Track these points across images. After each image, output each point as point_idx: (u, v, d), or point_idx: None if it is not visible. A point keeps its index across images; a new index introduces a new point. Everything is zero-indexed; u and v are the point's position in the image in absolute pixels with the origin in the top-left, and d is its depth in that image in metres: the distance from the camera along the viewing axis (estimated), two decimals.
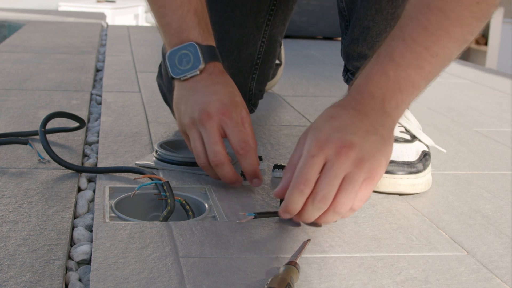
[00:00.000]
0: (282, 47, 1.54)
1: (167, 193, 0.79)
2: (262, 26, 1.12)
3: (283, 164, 0.95)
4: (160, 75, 1.18)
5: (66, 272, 0.65)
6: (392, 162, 0.90)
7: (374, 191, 0.90)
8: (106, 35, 2.53)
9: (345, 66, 1.08)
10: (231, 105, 0.84)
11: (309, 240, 0.72)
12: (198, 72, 0.87)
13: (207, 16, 0.90)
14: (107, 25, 2.90)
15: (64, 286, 0.62)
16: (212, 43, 0.90)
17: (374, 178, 0.70)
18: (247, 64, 1.13)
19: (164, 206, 0.80)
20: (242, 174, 0.87)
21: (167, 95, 1.14)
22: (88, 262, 0.68)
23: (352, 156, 0.68)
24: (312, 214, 0.71)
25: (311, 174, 0.69)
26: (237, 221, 0.77)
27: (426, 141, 0.96)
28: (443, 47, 0.71)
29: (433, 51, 0.71)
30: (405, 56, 0.71)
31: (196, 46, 0.87)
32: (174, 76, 0.88)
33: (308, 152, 0.69)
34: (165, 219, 0.77)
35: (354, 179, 0.69)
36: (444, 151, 1.03)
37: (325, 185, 0.69)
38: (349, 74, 1.06)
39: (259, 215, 0.76)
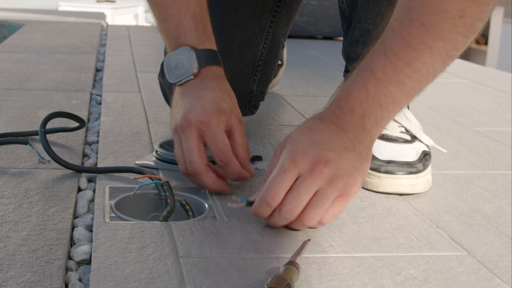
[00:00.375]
0: (285, 47, 1.54)
1: (167, 193, 0.79)
2: (265, 27, 1.11)
3: None
4: (161, 74, 1.18)
5: (66, 272, 0.65)
6: (392, 162, 0.90)
7: (374, 191, 0.90)
8: (106, 35, 2.53)
9: (346, 67, 1.08)
10: (214, 112, 0.81)
11: (309, 240, 0.72)
12: (192, 77, 0.86)
13: (206, 19, 0.89)
14: (107, 25, 2.91)
15: (64, 286, 0.62)
16: (211, 46, 0.88)
17: (348, 195, 0.70)
18: (249, 66, 1.12)
19: (164, 206, 0.80)
20: None
21: (167, 94, 1.14)
22: (88, 262, 0.68)
23: (326, 173, 0.68)
24: (279, 222, 0.72)
25: (280, 189, 0.69)
26: (228, 204, 0.76)
27: (426, 141, 0.96)
28: (425, 63, 0.70)
29: (414, 66, 0.69)
30: (386, 72, 0.70)
31: (191, 50, 0.86)
32: (171, 81, 0.88)
33: (281, 165, 0.69)
34: (165, 219, 0.77)
35: (325, 196, 0.69)
36: (445, 151, 1.03)
37: (293, 199, 0.69)
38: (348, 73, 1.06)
39: (250, 204, 0.74)
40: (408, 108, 1.03)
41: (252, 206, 0.73)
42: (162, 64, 1.18)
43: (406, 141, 0.95)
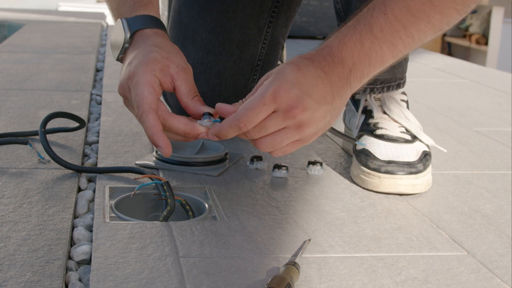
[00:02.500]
0: (285, 48, 1.54)
1: (167, 193, 0.79)
2: (264, 27, 1.11)
3: (283, 164, 0.95)
4: None
5: (66, 272, 0.65)
6: (392, 162, 0.90)
7: (375, 191, 0.90)
8: (106, 35, 2.53)
9: None
10: (141, 63, 0.76)
11: (309, 240, 0.72)
12: (127, 45, 0.82)
13: None
14: (107, 25, 2.91)
15: (64, 286, 0.62)
16: (145, 12, 0.84)
17: (306, 142, 0.72)
18: (248, 65, 1.13)
19: (164, 206, 0.80)
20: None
21: (167, 94, 1.14)
22: (88, 262, 0.68)
23: (299, 118, 0.69)
24: (232, 134, 0.71)
25: (255, 119, 0.69)
26: (198, 123, 0.74)
27: (426, 141, 0.96)
28: (419, 30, 0.72)
29: (409, 31, 0.71)
30: (384, 31, 0.71)
31: (123, 21, 0.82)
32: (115, 59, 0.85)
33: (262, 97, 0.68)
34: (165, 219, 0.77)
35: (287, 137, 0.70)
36: (445, 150, 1.03)
37: (260, 129, 0.70)
38: None
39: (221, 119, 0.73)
40: (407, 108, 1.03)
41: (214, 127, 0.71)
42: None
43: (406, 141, 0.95)
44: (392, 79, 1.00)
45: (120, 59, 0.84)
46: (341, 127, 1.24)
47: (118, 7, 0.85)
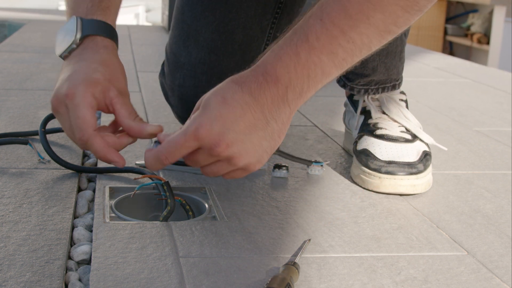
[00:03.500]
0: None
1: (167, 193, 0.79)
2: (267, 29, 1.11)
3: (283, 164, 0.95)
4: (162, 73, 1.18)
5: (66, 272, 0.65)
6: (393, 162, 0.90)
7: (375, 191, 0.90)
8: None
9: None
10: (82, 83, 0.74)
11: (309, 240, 0.72)
12: (74, 46, 0.81)
13: None
14: None
15: (64, 286, 0.62)
16: (102, 18, 0.82)
17: (251, 170, 0.69)
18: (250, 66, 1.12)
19: (164, 206, 0.80)
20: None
21: (168, 93, 1.14)
22: (88, 262, 0.68)
23: (225, 154, 0.67)
24: (157, 167, 0.70)
25: (177, 154, 0.68)
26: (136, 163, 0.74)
27: (426, 139, 0.96)
28: (360, 33, 0.66)
29: (349, 36, 0.66)
30: (320, 39, 0.66)
31: (77, 20, 0.79)
32: (57, 55, 0.83)
33: (184, 134, 0.67)
34: (165, 219, 0.77)
35: (222, 168, 0.69)
36: (445, 149, 1.03)
37: (192, 162, 0.69)
38: (342, 77, 1.06)
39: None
40: (407, 107, 1.03)
41: (145, 154, 0.71)
42: (163, 63, 1.18)
43: (407, 141, 0.94)
44: (387, 80, 1.00)
45: (63, 57, 0.82)
46: (341, 127, 1.24)
47: (75, 5, 0.83)
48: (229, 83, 0.69)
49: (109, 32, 0.82)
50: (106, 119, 1.21)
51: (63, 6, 4.77)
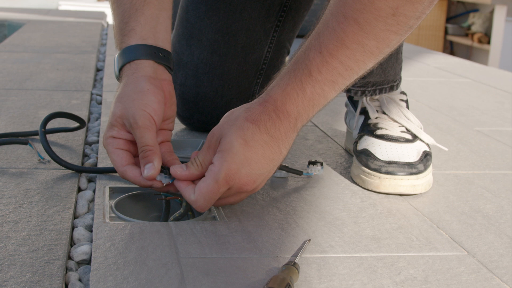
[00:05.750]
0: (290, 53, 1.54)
1: (181, 198, 0.79)
2: (270, 31, 1.11)
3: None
4: None
5: (66, 272, 0.65)
6: (393, 163, 0.90)
7: (375, 192, 0.90)
8: (106, 34, 2.53)
9: None
10: (108, 128, 0.80)
11: (309, 240, 0.72)
12: (119, 81, 0.85)
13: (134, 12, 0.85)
14: (108, 25, 2.90)
15: (64, 286, 0.62)
16: (127, 42, 0.84)
17: (255, 191, 0.76)
18: (253, 68, 1.12)
19: (164, 206, 0.80)
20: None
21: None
22: (88, 262, 0.68)
23: (251, 189, 0.74)
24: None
25: (213, 200, 0.74)
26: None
27: (427, 140, 0.96)
28: (357, 61, 0.70)
29: (347, 65, 0.70)
30: (322, 72, 0.71)
31: (114, 58, 0.85)
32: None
33: (216, 180, 0.72)
34: (176, 219, 0.77)
35: (240, 198, 0.77)
36: (446, 149, 1.03)
37: (218, 202, 0.76)
38: None
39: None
40: (407, 107, 1.03)
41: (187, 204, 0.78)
42: None
43: (407, 141, 0.94)
44: (384, 81, 1.00)
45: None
46: (342, 127, 1.24)
47: (115, 35, 0.86)
48: (245, 122, 0.73)
49: (140, 52, 0.83)
50: (106, 118, 1.21)
51: (63, 6, 4.77)
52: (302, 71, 0.72)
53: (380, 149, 0.93)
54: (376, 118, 0.99)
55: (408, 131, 0.97)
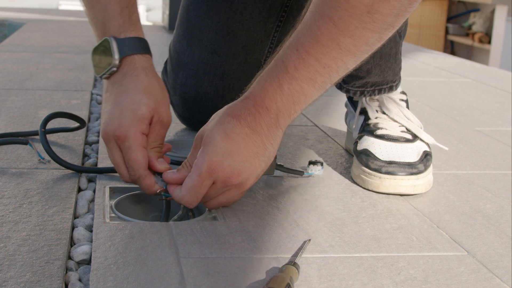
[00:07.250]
0: None
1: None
2: (271, 32, 1.11)
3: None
4: (165, 72, 1.18)
5: (66, 272, 0.65)
6: (393, 163, 0.90)
7: (375, 192, 0.90)
8: None
9: None
10: (131, 123, 0.78)
11: (309, 240, 0.72)
12: (114, 69, 0.82)
13: (134, 5, 0.85)
14: None
15: (64, 286, 0.62)
16: (135, 33, 0.83)
17: (244, 188, 0.77)
18: (253, 69, 1.12)
19: (164, 206, 0.80)
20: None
21: (170, 92, 1.14)
22: (88, 262, 0.68)
23: (236, 182, 0.74)
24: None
25: (199, 195, 0.74)
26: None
27: (427, 139, 0.96)
28: (334, 58, 0.70)
29: (324, 62, 0.70)
30: (299, 69, 0.71)
31: (112, 40, 0.82)
32: (97, 76, 0.85)
33: (199, 174, 0.73)
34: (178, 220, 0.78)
35: (230, 196, 0.77)
36: (446, 148, 1.02)
37: (205, 199, 0.77)
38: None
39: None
40: (407, 107, 1.03)
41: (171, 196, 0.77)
42: (166, 62, 1.18)
43: (407, 141, 0.94)
44: (383, 82, 1.00)
45: (104, 78, 0.84)
46: (342, 127, 1.24)
47: (105, 21, 0.83)
48: (226, 117, 0.74)
49: (144, 48, 0.85)
50: None
51: (63, 6, 4.77)
52: (279, 68, 0.72)
53: (380, 149, 0.93)
54: (376, 118, 0.99)
55: (408, 131, 0.97)
